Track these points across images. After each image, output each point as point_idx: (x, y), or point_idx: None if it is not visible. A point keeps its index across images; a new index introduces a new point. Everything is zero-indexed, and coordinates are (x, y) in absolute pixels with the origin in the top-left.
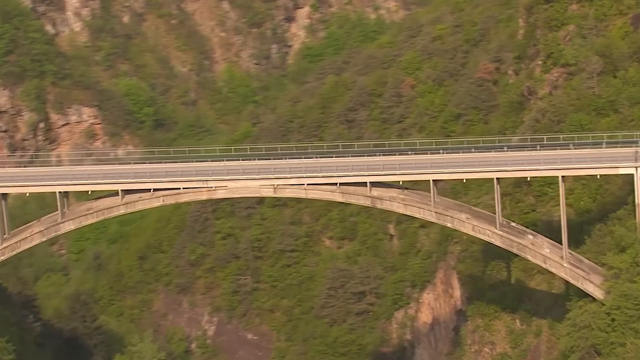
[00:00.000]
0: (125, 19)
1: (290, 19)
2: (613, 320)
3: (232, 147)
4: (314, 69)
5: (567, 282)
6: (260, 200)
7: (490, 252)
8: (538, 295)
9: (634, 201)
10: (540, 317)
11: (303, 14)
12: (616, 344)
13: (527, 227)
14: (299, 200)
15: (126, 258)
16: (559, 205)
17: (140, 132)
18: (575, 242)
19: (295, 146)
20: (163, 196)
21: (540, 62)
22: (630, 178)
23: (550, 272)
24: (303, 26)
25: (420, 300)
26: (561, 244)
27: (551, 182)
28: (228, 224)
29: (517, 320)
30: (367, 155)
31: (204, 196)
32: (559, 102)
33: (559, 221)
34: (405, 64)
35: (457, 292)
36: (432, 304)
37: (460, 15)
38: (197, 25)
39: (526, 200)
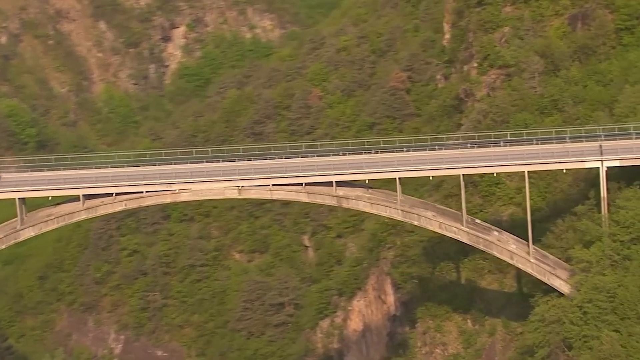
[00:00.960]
0: (2, 39)
1: (166, 39)
2: (585, 313)
3: (194, 150)
4: (191, 88)
5: (519, 281)
6: (167, 215)
7: (438, 252)
8: (490, 295)
9: (596, 196)
10: (493, 317)
11: (179, 34)
12: (589, 337)
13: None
14: (206, 214)
15: (25, 279)
16: (506, 205)
17: (23, 154)
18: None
19: (259, 147)
20: (126, 200)
21: (476, 65)
22: (582, 175)
23: (501, 272)
24: (179, 46)
25: (350, 308)
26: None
27: (498, 181)
28: (134, 240)
29: (469, 321)
30: (333, 155)
31: (168, 199)
32: (501, 103)
33: (508, 221)
34: (311, 76)
35: (391, 298)
36: (363, 311)
37: (364, 26)
38: (74, 45)
39: (473, 201)
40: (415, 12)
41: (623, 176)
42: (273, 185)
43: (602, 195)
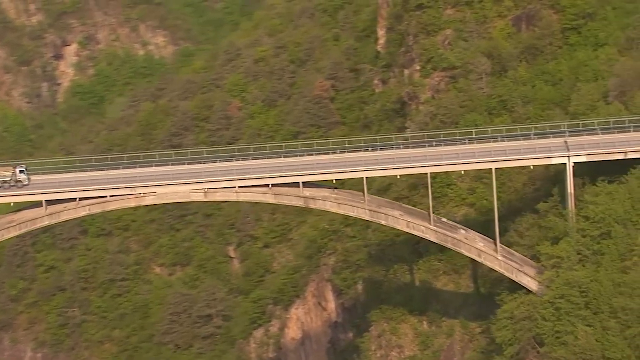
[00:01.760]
0: None
1: (59, 57)
2: (557, 309)
3: (157, 153)
4: (85, 106)
5: (475, 281)
6: (84, 230)
7: (389, 255)
8: (446, 296)
9: (559, 192)
10: (450, 318)
11: (71, 52)
12: (562, 333)
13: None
14: (125, 228)
15: None
16: (459, 205)
17: None
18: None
19: (224, 149)
20: (89, 205)
21: (418, 68)
22: (537, 173)
23: (456, 272)
24: (72, 63)
25: (287, 316)
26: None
27: (450, 182)
28: (50, 256)
29: (425, 322)
30: (300, 155)
31: (132, 203)
32: (450, 104)
33: (462, 221)
34: (230, 87)
35: (332, 305)
36: (302, 319)
37: (280, 37)
38: None
39: (425, 203)
40: (332, 22)
41: (586, 173)
42: (239, 187)
43: (569, 191)
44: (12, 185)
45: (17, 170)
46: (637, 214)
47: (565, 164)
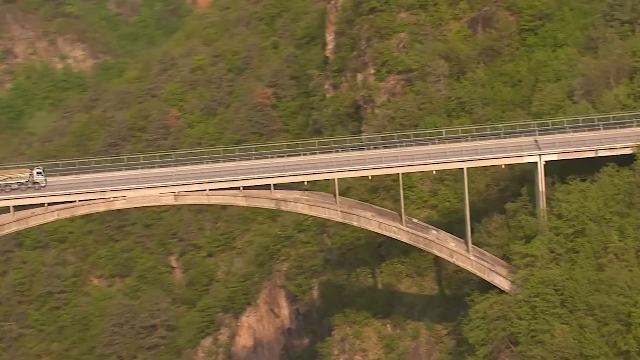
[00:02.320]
0: None
1: None
2: (533, 307)
3: (125, 156)
4: (4, 120)
5: (439, 283)
6: (20, 243)
7: (351, 259)
8: (410, 299)
9: (528, 191)
10: (415, 320)
11: None
12: (538, 332)
13: None
14: (62, 240)
15: None
16: (420, 208)
17: None
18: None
19: (192, 152)
20: (58, 210)
21: (373, 71)
22: (501, 174)
23: (420, 275)
24: None
25: (238, 324)
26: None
27: (411, 185)
28: None
29: (389, 325)
30: (271, 157)
31: (102, 208)
32: (408, 107)
33: None
34: (167, 96)
35: (285, 311)
36: (254, 326)
37: (217, 45)
38: None
39: (386, 205)
40: (269, 30)
41: (555, 172)
42: (210, 190)
43: (540, 189)
44: (29, 187)
45: (35, 172)
46: (611, 211)
47: (536, 162)
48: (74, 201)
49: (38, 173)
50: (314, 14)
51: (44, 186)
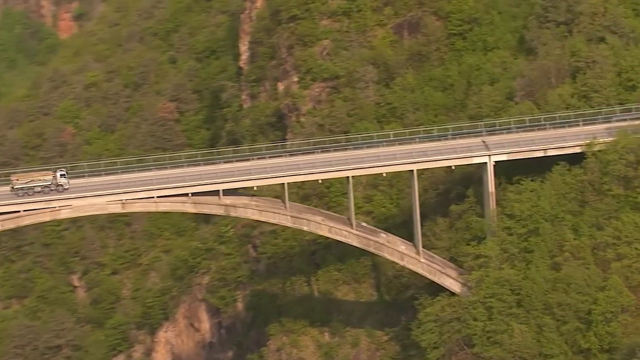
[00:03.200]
0: None
1: None
2: (489, 308)
3: (68, 165)
4: None
5: (378, 289)
6: None
7: (284, 267)
8: (348, 306)
9: (474, 193)
10: (355, 327)
11: None
12: (495, 332)
13: None
14: None
15: None
16: (355, 214)
17: None
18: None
19: (139, 158)
20: (2, 221)
21: (296, 79)
22: (438, 178)
23: (357, 281)
24: None
25: (155, 340)
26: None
27: (345, 192)
28: None
29: (327, 333)
30: (221, 162)
31: (47, 217)
32: (338, 114)
33: None
34: (61, 113)
35: (206, 325)
36: (172, 341)
37: (110, 62)
38: None
39: None
40: (164, 45)
41: (501, 173)
42: (158, 197)
43: (490, 190)
44: (53, 190)
45: (58, 174)
46: (563, 210)
47: (486, 163)
48: (19, 211)
49: (62, 175)
50: (213, 27)
51: (67, 189)
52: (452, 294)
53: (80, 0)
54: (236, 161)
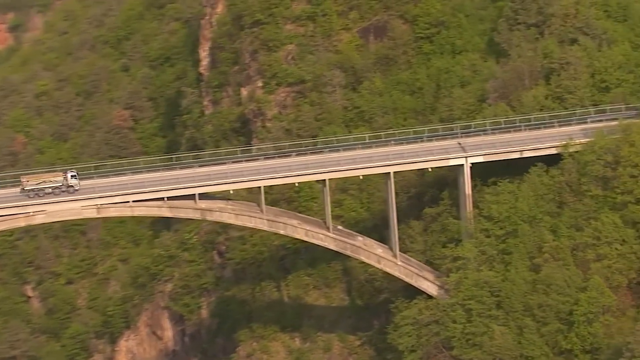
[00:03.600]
0: None
1: None
2: (468, 311)
3: (43, 170)
4: None
5: (349, 294)
6: None
7: (253, 273)
8: (319, 311)
9: (449, 196)
10: (326, 332)
11: None
12: (475, 334)
13: None
14: None
15: None
16: (324, 219)
17: None
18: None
19: (117, 163)
20: None
21: (261, 85)
22: (410, 182)
23: (327, 286)
24: None
25: (116, 349)
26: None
27: (314, 196)
28: None
29: (297, 339)
30: (197, 166)
31: (22, 223)
32: (305, 118)
33: None
34: (12, 122)
35: (169, 333)
36: (134, 350)
37: (60, 70)
38: None
39: None
40: (116, 53)
41: (476, 175)
42: (133, 201)
43: (467, 192)
44: (64, 191)
45: (69, 175)
46: (541, 211)
47: (462, 164)
48: None
49: (72, 176)
50: (167, 35)
51: (78, 190)
52: (429, 296)
53: (16, 11)
54: (212, 165)
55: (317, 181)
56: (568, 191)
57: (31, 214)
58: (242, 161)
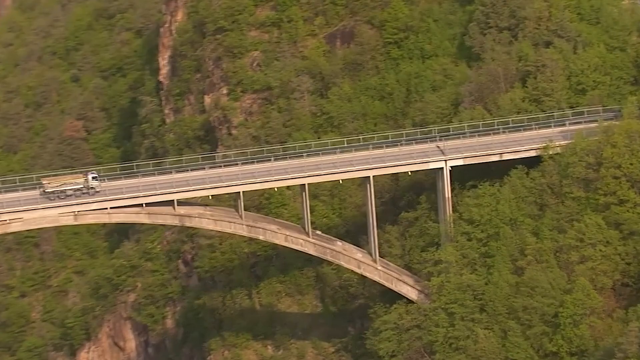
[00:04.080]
0: None
1: None
2: (451, 314)
3: (17, 177)
4: None
5: (322, 300)
6: None
7: (223, 281)
8: (292, 318)
9: (427, 199)
10: (300, 339)
11: None
12: (458, 338)
13: None
14: None
15: None
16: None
17: None
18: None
19: (87, 170)
20: None
21: (226, 92)
22: (383, 187)
23: (300, 293)
24: None
25: None
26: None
27: (284, 202)
28: None
29: (270, 347)
30: (175, 172)
31: None
32: (274, 125)
33: None
34: None
35: (132, 344)
36: None
37: (8, 81)
38: None
39: None
40: (65, 64)
41: (455, 178)
42: (111, 208)
43: (446, 196)
44: (85, 193)
45: (90, 176)
46: (523, 213)
47: (442, 168)
48: None
49: (93, 178)
50: (118, 45)
51: (99, 191)
52: (409, 301)
53: None
54: (190, 170)
55: (295, 186)
56: (549, 193)
57: (7, 221)
58: (221, 166)
